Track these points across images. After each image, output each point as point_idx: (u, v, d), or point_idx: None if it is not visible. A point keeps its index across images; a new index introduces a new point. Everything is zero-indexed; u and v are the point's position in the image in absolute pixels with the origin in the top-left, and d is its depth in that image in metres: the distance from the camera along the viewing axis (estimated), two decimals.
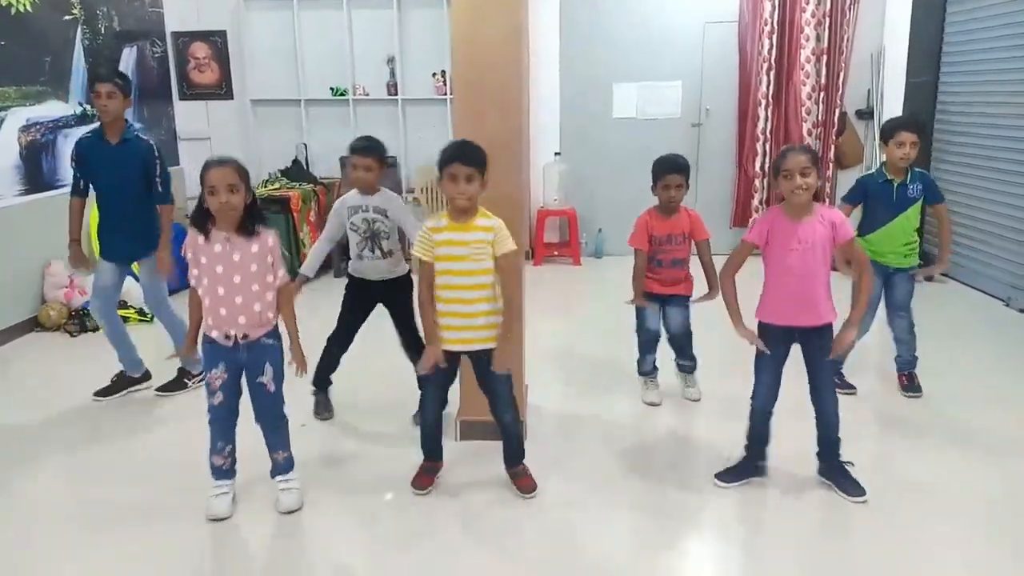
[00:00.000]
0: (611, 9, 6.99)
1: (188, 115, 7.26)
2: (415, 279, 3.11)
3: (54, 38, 5.52)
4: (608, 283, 6.57)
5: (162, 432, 3.75)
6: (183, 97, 7.26)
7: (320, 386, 3.84)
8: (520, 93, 3.26)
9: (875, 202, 3.78)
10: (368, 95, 7.15)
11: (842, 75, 6.79)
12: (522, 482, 3.09)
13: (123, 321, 4.25)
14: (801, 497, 3.03)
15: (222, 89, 7.25)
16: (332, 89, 7.15)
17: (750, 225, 3.03)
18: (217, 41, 7.14)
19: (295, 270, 3.96)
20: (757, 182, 7.06)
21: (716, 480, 3.08)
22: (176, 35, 7.12)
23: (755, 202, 7.08)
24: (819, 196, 2.93)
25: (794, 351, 2.99)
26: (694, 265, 3.74)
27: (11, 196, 5.11)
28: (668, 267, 3.70)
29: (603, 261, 7.22)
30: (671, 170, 3.63)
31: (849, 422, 3.66)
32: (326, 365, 3.79)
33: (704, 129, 7.16)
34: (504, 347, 2.91)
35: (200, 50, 7.16)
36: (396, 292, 3.64)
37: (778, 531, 2.87)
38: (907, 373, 4.01)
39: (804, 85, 6.82)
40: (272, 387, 2.87)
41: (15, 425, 3.83)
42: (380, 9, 6.94)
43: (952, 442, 3.51)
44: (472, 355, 2.97)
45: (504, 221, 2.88)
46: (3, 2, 5.01)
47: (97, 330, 5.17)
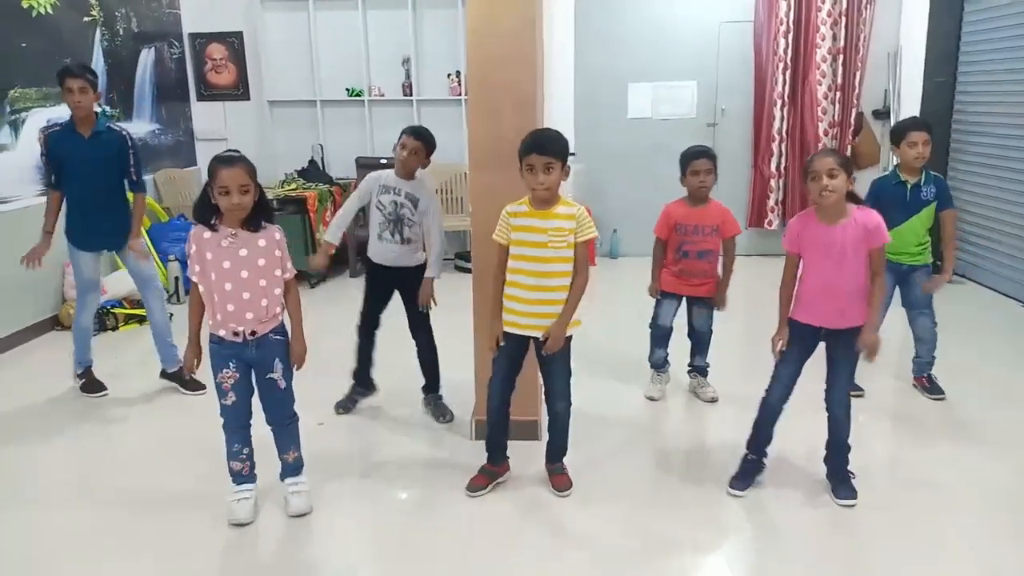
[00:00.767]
0: (625, 9, 6.99)
1: (205, 116, 7.32)
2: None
3: (74, 40, 5.59)
4: (623, 283, 6.56)
5: (180, 429, 3.79)
6: (200, 98, 7.32)
7: (358, 380, 3.86)
8: (534, 88, 3.26)
9: (889, 203, 3.75)
10: (384, 96, 7.18)
11: (858, 75, 6.76)
12: (558, 479, 3.10)
13: (144, 320, 4.33)
14: (815, 496, 3.02)
15: (239, 90, 7.30)
16: (348, 90, 7.18)
17: (784, 235, 3.01)
18: (234, 42, 7.20)
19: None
20: (773, 182, 7.03)
21: (730, 489, 3.06)
22: (193, 36, 7.18)
23: (771, 202, 7.06)
24: (856, 199, 2.89)
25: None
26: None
27: (31, 196, 5.17)
28: (694, 258, 3.69)
29: (618, 261, 7.22)
30: (699, 155, 3.65)
31: (863, 422, 3.66)
32: (361, 357, 3.82)
33: (719, 129, 7.14)
34: (559, 330, 2.87)
35: (217, 51, 7.22)
36: (412, 280, 3.64)
37: (792, 530, 2.86)
38: (927, 376, 3.98)
39: (820, 85, 6.79)
40: (283, 383, 2.86)
41: (34, 421, 3.88)
42: (395, 10, 6.97)
43: (967, 442, 3.50)
44: (540, 339, 2.94)
45: None
46: (24, 4, 5.08)
47: (116, 329, 5.25)
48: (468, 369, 3.42)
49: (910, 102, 6.66)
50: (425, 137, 3.56)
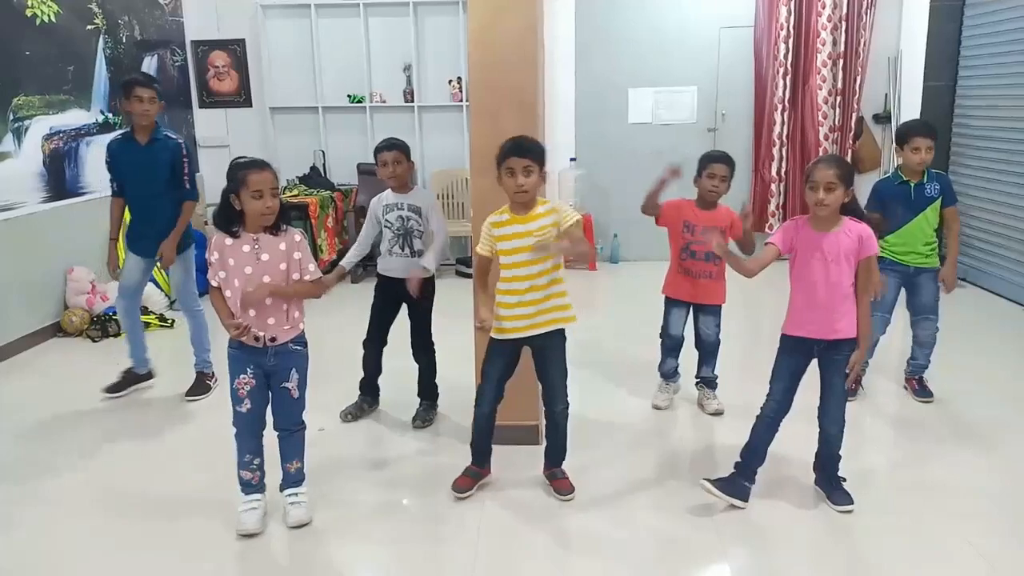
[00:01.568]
0: (626, 14, 7.01)
1: (208, 123, 7.34)
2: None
3: (77, 47, 5.62)
4: (624, 288, 6.59)
5: (184, 434, 3.80)
6: (203, 105, 7.35)
7: (365, 391, 3.90)
8: (535, 94, 3.28)
9: (893, 204, 3.76)
10: (385, 102, 7.21)
11: (859, 79, 6.77)
12: (560, 484, 3.10)
13: (145, 326, 4.34)
14: (815, 502, 3.03)
15: (241, 97, 7.33)
16: (349, 96, 7.21)
17: (775, 229, 3.00)
18: (236, 49, 7.23)
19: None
20: (773, 187, 7.04)
21: (704, 481, 2.99)
22: (196, 44, 7.21)
23: (771, 207, 7.07)
24: (855, 211, 2.88)
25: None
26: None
27: (34, 203, 5.19)
28: (702, 260, 3.67)
29: (619, 266, 7.23)
30: (719, 159, 3.64)
31: (864, 425, 3.66)
32: (368, 368, 3.86)
33: (720, 134, 7.15)
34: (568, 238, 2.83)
35: (219, 58, 7.25)
36: (419, 291, 3.66)
37: (793, 535, 2.86)
38: (918, 378, 3.98)
39: (820, 89, 6.80)
40: (296, 393, 2.86)
41: (38, 428, 3.89)
42: (397, 17, 7.00)
43: (969, 446, 3.49)
44: (536, 340, 2.96)
45: None
46: (28, 12, 5.11)
47: (119, 335, 5.25)
48: (469, 374, 3.42)
49: (910, 106, 6.68)
50: (398, 145, 3.62)
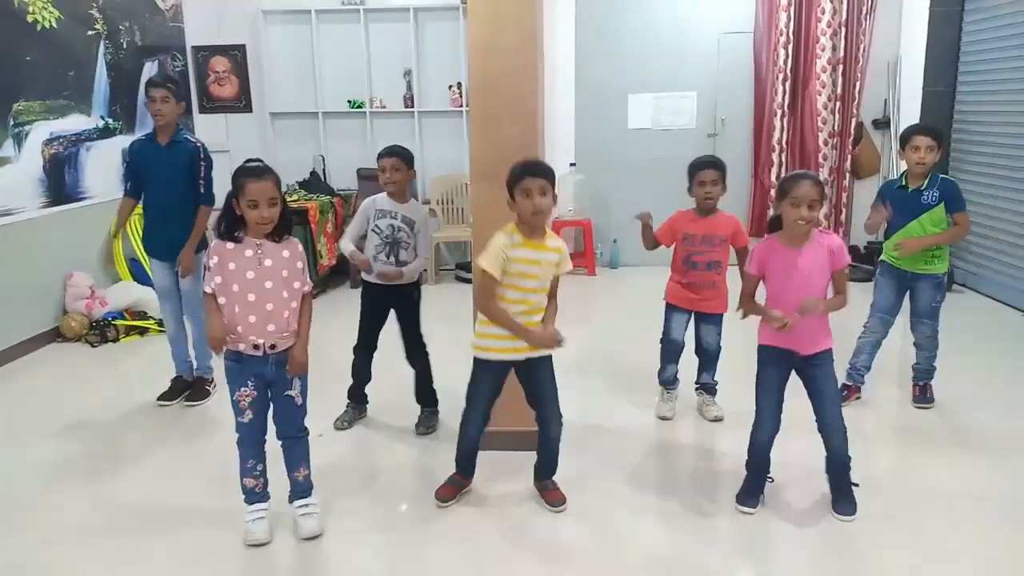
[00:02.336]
0: (626, 20, 7.02)
1: (208, 128, 7.34)
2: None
3: (78, 53, 5.62)
4: (624, 294, 6.59)
5: (187, 441, 3.79)
6: (203, 110, 7.36)
7: (353, 398, 3.89)
8: (535, 101, 3.28)
9: (893, 207, 3.77)
10: (385, 107, 7.22)
11: (858, 85, 6.78)
12: (552, 495, 3.09)
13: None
14: (817, 508, 3.02)
15: (241, 102, 7.34)
16: (349, 102, 7.22)
17: (749, 257, 3.01)
18: (236, 55, 7.24)
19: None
20: (773, 192, 7.03)
21: (739, 506, 3.02)
22: (196, 49, 7.22)
23: (771, 212, 7.05)
24: (840, 214, 2.88)
25: None
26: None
27: (34, 208, 5.19)
28: (703, 269, 3.65)
29: (618, 272, 7.23)
30: (706, 165, 3.62)
31: (866, 431, 3.66)
32: (357, 375, 3.86)
33: (720, 140, 7.16)
34: (549, 328, 2.88)
35: (220, 64, 7.26)
36: (405, 299, 3.70)
37: (795, 543, 2.85)
38: (922, 384, 3.97)
39: (820, 95, 6.81)
40: (299, 400, 2.85)
41: (37, 434, 3.87)
42: (397, 23, 7.02)
43: (969, 451, 3.49)
44: (524, 363, 2.96)
45: None
46: (29, 18, 5.11)
47: (117, 340, 5.26)
48: (467, 379, 3.41)
49: (910, 112, 6.68)
50: (400, 153, 3.60)
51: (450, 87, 7.13)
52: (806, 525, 2.93)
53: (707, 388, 3.91)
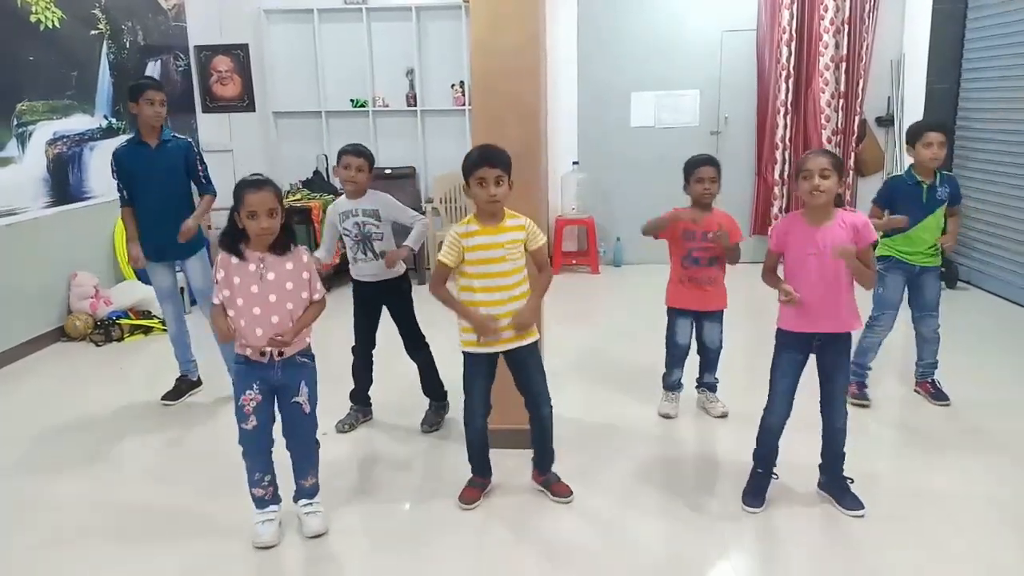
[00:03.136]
0: (629, 18, 7.01)
1: (211, 127, 7.36)
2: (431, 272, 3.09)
3: (81, 53, 5.63)
4: (627, 292, 6.58)
5: (192, 440, 3.80)
6: (206, 110, 7.37)
7: (356, 401, 3.88)
8: (538, 101, 3.28)
9: (904, 204, 3.76)
10: (388, 106, 7.22)
11: (861, 82, 6.76)
12: (558, 488, 3.10)
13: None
14: (822, 507, 3.02)
15: (244, 102, 7.34)
16: (352, 101, 7.22)
17: (770, 232, 3.01)
18: (239, 54, 7.25)
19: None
20: (776, 190, 7.04)
21: (744, 506, 3.02)
22: (199, 49, 7.23)
23: (774, 210, 7.06)
24: (840, 203, 2.90)
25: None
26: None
27: (38, 208, 5.21)
28: (705, 265, 3.67)
29: (622, 270, 7.23)
30: (703, 163, 3.65)
31: (869, 430, 3.65)
32: (359, 377, 3.85)
33: (723, 137, 7.15)
34: (528, 314, 2.88)
35: (222, 63, 7.27)
36: (393, 293, 3.69)
37: (800, 541, 2.85)
38: (930, 381, 3.97)
39: (823, 92, 6.80)
40: (308, 407, 2.83)
41: (42, 434, 3.89)
42: (399, 22, 7.02)
43: (973, 450, 3.48)
44: (512, 352, 2.95)
45: None
46: (32, 18, 5.12)
47: (122, 340, 5.27)
48: None
49: (913, 109, 6.67)
50: (365, 153, 3.59)
51: (453, 86, 7.13)
52: (810, 525, 2.92)
53: (709, 386, 3.93)
